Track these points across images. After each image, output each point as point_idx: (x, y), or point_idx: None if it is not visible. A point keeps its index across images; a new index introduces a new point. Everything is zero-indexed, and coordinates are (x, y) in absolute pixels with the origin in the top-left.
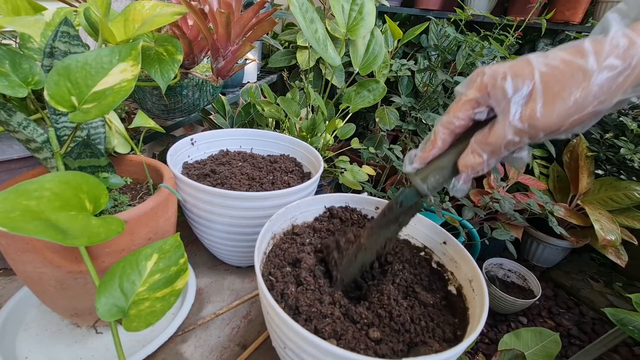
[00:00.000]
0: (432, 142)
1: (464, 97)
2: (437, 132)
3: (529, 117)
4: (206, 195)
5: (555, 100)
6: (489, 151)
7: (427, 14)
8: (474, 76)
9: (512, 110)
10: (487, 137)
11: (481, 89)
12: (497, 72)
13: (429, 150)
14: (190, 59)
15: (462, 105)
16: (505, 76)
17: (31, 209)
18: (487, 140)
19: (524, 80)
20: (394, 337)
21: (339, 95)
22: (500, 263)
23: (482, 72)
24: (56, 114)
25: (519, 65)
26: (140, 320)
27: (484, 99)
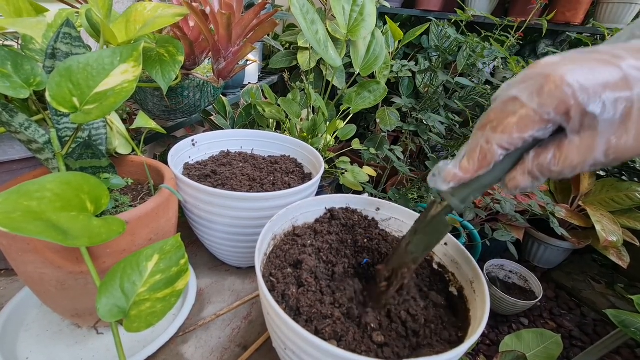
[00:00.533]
0: (479, 162)
1: (528, 112)
2: (489, 152)
3: (616, 150)
4: (207, 196)
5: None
6: (550, 176)
7: (427, 15)
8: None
9: (600, 142)
10: (555, 163)
11: (561, 108)
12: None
13: (475, 171)
14: (191, 60)
15: (529, 122)
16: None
17: (32, 210)
18: (553, 168)
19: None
20: (396, 339)
21: (340, 96)
22: (502, 264)
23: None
24: (58, 115)
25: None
26: (141, 321)
27: (560, 119)
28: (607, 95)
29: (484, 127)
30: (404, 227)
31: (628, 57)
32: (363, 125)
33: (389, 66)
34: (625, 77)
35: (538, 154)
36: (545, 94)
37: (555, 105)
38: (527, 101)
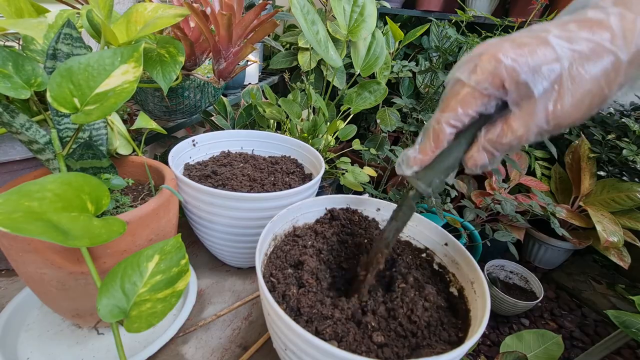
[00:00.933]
0: (434, 142)
1: (469, 89)
2: (441, 131)
3: (555, 116)
4: (207, 197)
5: (584, 96)
6: (503, 150)
7: (428, 15)
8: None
9: (538, 110)
10: (503, 136)
11: (496, 82)
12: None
13: (432, 151)
14: (191, 61)
15: (470, 99)
16: (527, 69)
17: (33, 210)
18: (503, 140)
19: (550, 74)
20: (395, 339)
21: (340, 96)
22: (502, 265)
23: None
24: (58, 116)
25: (540, 51)
26: (141, 321)
27: (499, 93)
28: (536, 63)
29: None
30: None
31: (553, 28)
32: (363, 126)
33: (390, 66)
34: (552, 46)
35: (488, 129)
36: (480, 71)
37: (490, 80)
38: (466, 80)
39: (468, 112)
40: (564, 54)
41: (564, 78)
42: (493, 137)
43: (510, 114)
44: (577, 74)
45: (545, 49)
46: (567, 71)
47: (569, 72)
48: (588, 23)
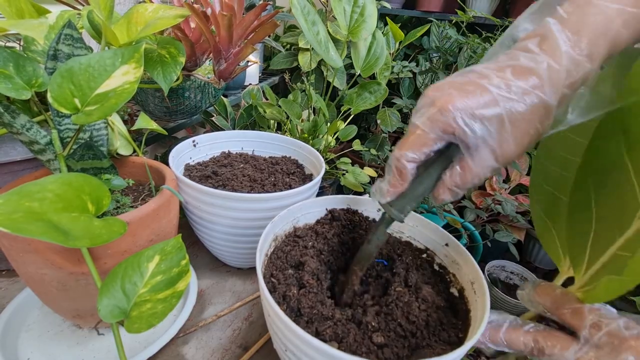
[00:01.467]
0: (400, 177)
1: (423, 134)
2: (403, 167)
3: (502, 155)
4: (208, 197)
5: (524, 136)
6: (465, 188)
7: (428, 15)
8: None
9: (486, 152)
10: (463, 178)
11: (446, 129)
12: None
13: (401, 186)
14: (192, 61)
15: (425, 140)
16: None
17: (34, 211)
18: (464, 181)
19: (492, 121)
20: (397, 340)
21: (341, 97)
22: (503, 265)
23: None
24: (59, 116)
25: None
26: (142, 321)
27: (448, 137)
28: (481, 113)
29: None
30: (404, 227)
31: (493, 76)
32: (364, 126)
33: (390, 67)
34: (493, 96)
35: (451, 173)
36: (433, 120)
37: (441, 128)
38: (422, 125)
39: (423, 150)
40: (504, 104)
41: (505, 123)
42: (455, 179)
43: (465, 157)
44: (515, 118)
45: (488, 98)
46: (506, 117)
47: (508, 117)
48: (521, 71)
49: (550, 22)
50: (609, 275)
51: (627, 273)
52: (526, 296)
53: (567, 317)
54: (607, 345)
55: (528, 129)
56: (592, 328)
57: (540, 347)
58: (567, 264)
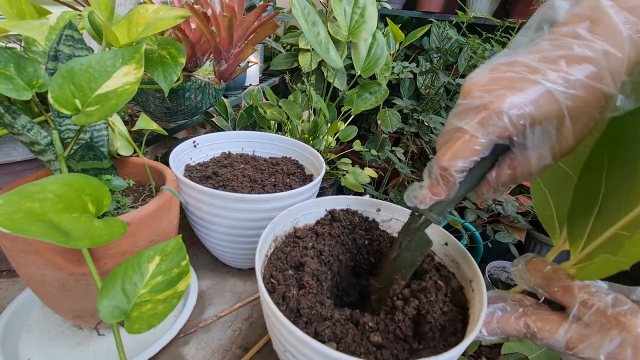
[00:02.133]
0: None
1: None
2: (451, 177)
3: (560, 152)
4: (208, 198)
5: (583, 130)
6: (510, 184)
7: (428, 16)
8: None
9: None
10: (513, 177)
11: (503, 135)
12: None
13: (445, 194)
14: (192, 62)
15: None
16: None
17: (34, 211)
18: (513, 180)
19: (552, 120)
20: (394, 341)
21: (341, 97)
22: (503, 266)
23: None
24: (60, 117)
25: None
26: (142, 322)
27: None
28: (541, 115)
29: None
30: None
31: (547, 70)
32: (364, 127)
33: (390, 67)
34: (551, 93)
35: (498, 172)
36: (488, 124)
37: (497, 133)
38: (474, 131)
39: (474, 159)
40: (564, 101)
41: (566, 121)
42: (503, 179)
43: (517, 157)
44: (576, 114)
45: (546, 97)
46: (567, 115)
47: (569, 114)
48: (577, 61)
49: (605, 3)
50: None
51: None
52: (518, 273)
53: (557, 295)
54: (595, 323)
55: (588, 122)
56: (582, 306)
57: (532, 331)
58: (562, 238)
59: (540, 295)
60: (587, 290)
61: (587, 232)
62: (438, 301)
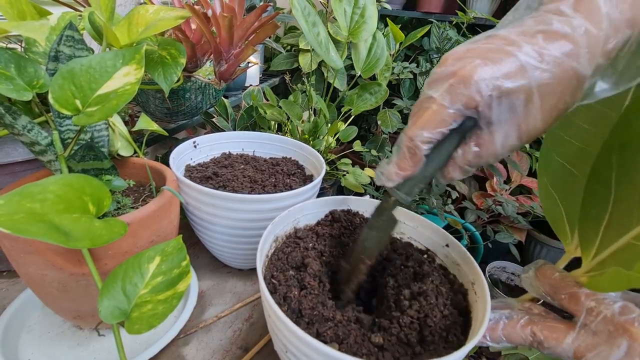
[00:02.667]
0: (411, 159)
1: (440, 108)
2: (417, 148)
3: (527, 132)
4: (208, 198)
5: (552, 110)
6: (477, 166)
7: (428, 17)
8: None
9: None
10: (479, 156)
11: (469, 103)
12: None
13: (412, 169)
14: (193, 62)
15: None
16: (499, 89)
17: (35, 211)
18: (479, 160)
19: (519, 94)
20: (398, 343)
21: (341, 98)
22: (504, 266)
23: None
24: (60, 117)
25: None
26: (142, 322)
27: (470, 112)
28: (508, 86)
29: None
30: (405, 228)
31: (523, 43)
32: (364, 127)
33: (390, 68)
34: (522, 66)
35: (464, 150)
36: (455, 92)
37: (464, 102)
38: (441, 99)
39: (442, 130)
40: (535, 74)
41: (534, 96)
42: (469, 157)
43: (483, 133)
44: (545, 91)
45: (517, 68)
46: (536, 90)
47: (538, 90)
48: (555, 37)
49: None
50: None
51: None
52: (528, 280)
53: (565, 303)
54: (603, 332)
55: (557, 103)
56: (589, 314)
57: (539, 339)
58: (574, 244)
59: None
60: (595, 297)
61: (598, 239)
62: (439, 304)
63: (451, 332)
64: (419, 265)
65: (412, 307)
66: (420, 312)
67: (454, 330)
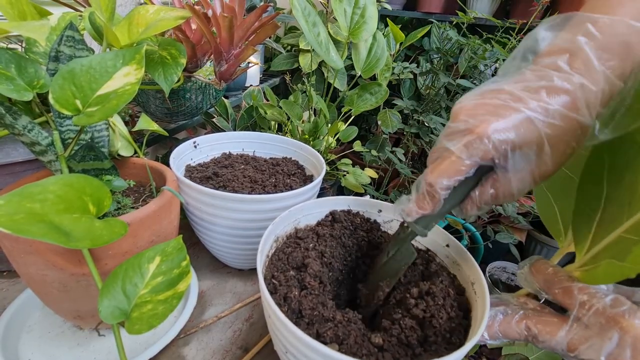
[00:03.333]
0: (431, 202)
1: (459, 160)
2: (436, 193)
3: (540, 176)
4: (209, 198)
5: (561, 156)
6: (493, 204)
7: (429, 17)
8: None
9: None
10: (495, 197)
11: (486, 157)
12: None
13: (430, 209)
14: (193, 63)
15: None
16: (513, 144)
17: (35, 212)
18: (495, 200)
19: (532, 146)
20: (399, 344)
21: (341, 98)
22: (504, 266)
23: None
24: (61, 117)
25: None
26: (142, 322)
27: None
28: (522, 140)
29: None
30: None
31: (528, 99)
32: (364, 127)
33: (391, 68)
34: (532, 120)
35: (481, 191)
36: (472, 147)
37: (480, 155)
38: (457, 152)
39: (458, 178)
40: (544, 129)
41: (545, 147)
42: (486, 198)
43: (499, 178)
44: (554, 142)
45: (527, 124)
46: (546, 141)
47: (547, 141)
48: (556, 92)
49: (581, 40)
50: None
51: (630, 260)
52: (523, 275)
53: (558, 297)
54: (595, 325)
55: (565, 149)
56: (581, 307)
57: (533, 333)
58: (568, 240)
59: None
60: (587, 291)
61: (591, 235)
62: (446, 305)
63: (455, 333)
64: (427, 264)
65: (418, 307)
66: (426, 312)
67: (457, 331)
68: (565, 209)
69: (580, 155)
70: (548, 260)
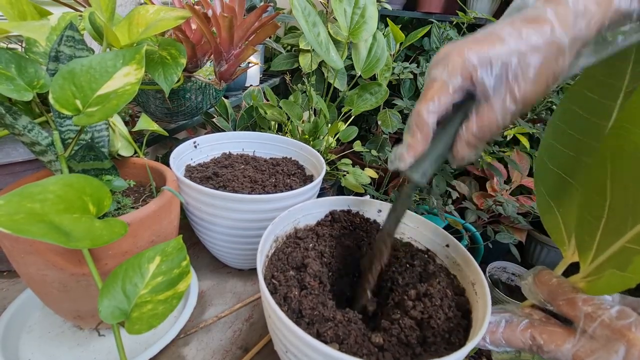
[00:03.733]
0: (421, 133)
1: (443, 83)
2: (425, 122)
3: (521, 97)
4: (209, 198)
5: (540, 77)
6: (484, 139)
7: (429, 17)
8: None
9: (505, 96)
10: (481, 124)
11: (465, 74)
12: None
13: (423, 142)
14: (193, 63)
15: (445, 91)
16: (489, 60)
17: (35, 212)
18: (481, 129)
19: (508, 62)
20: (399, 344)
21: (341, 98)
22: (504, 266)
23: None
24: (61, 117)
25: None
26: (142, 322)
27: (468, 85)
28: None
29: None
30: (405, 228)
31: (504, 26)
32: (364, 127)
33: (391, 68)
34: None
35: (467, 125)
36: (451, 67)
37: (461, 74)
38: (440, 75)
39: (443, 101)
40: (517, 45)
41: (521, 62)
42: (473, 128)
43: (482, 105)
44: (530, 60)
45: (502, 43)
46: (522, 57)
47: (523, 57)
48: (530, 19)
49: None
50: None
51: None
52: (527, 286)
53: (563, 308)
54: (601, 337)
55: (544, 68)
56: (587, 319)
57: (538, 343)
58: (571, 249)
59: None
60: (591, 302)
61: (595, 245)
62: (444, 306)
63: (454, 333)
64: (425, 265)
65: (416, 308)
66: (424, 313)
67: (456, 332)
68: (568, 217)
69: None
70: (552, 271)
